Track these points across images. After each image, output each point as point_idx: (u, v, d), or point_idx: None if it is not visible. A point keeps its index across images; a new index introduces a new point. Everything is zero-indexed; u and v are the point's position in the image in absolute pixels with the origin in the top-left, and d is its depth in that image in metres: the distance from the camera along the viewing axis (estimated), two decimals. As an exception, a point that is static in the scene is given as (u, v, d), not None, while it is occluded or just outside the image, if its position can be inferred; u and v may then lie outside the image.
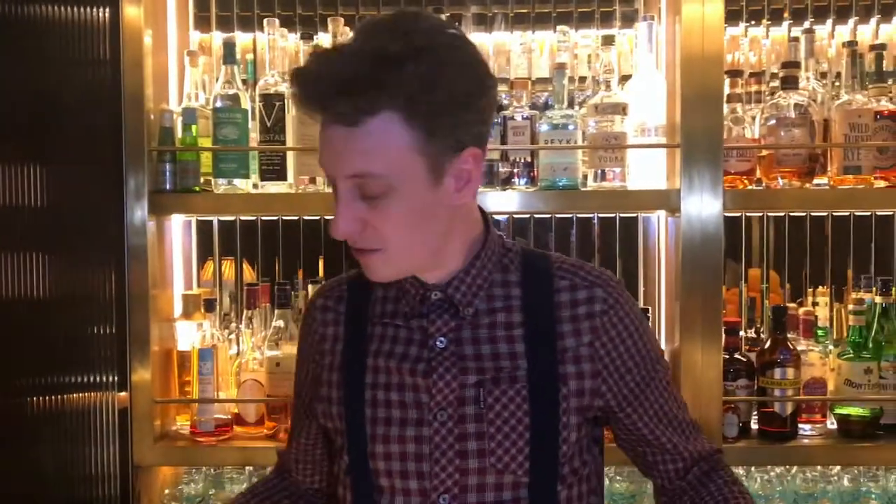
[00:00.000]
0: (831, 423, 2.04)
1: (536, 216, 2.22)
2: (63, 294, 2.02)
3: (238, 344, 2.13)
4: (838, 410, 2.02)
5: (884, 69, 2.02)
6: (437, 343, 1.19)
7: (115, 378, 2.02)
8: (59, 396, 2.03)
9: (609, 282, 1.23)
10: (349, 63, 1.02)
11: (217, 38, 2.28)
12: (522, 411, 1.17)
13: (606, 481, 2.04)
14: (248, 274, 2.29)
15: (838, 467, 2.04)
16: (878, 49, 2.02)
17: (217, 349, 2.03)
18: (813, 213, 2.20)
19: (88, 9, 2.02)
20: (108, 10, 2.02)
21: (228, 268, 2.29)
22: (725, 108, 1.98)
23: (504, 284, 1.21)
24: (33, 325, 2.00)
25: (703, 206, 1.90)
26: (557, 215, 2.21)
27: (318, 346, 1.29)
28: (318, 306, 1.31)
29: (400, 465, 1.17)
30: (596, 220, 2.23)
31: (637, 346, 1.23)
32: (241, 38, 2.29)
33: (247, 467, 2.08)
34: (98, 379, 2.02)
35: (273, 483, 1.43)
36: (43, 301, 2.00)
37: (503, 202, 1.97)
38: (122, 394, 2.01)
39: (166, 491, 2.09)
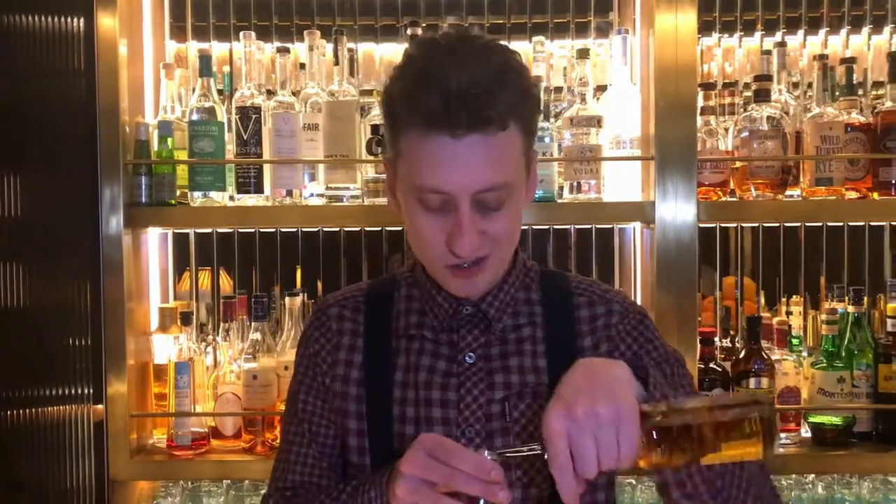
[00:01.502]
0: (805, 432, 2.06)
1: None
2: (38, 305, 2.01)
3: (215, 355, 2.12)
4: (812, 419, 2.04)
5: (854, 82, 2.04)
6: (467, 358, 1.20)
7: (91, 390, 2.01)
8: (34, 409, 2.01)
9: (626, 298, 1.29)
10: (476, 72, 1.04)
11: (193, 48, 2.28)
12: None
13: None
14: (226, 283, 2.28)
15: (813, 475, 2.06)
16: (849, 62, 2.04)
17: (194, 362, 2.02)
18: (786, 224, 2.23)
19: (63, 18, 2.01)
20: (82, 19, 2.01)
21: (205, 278, 2.28)
22: (699, 121, 2.00)
23: (527, 302, 1.25)
24: (7, 337, 1.99)
25: (678, 218, 1.92)
26: (534, 227, 2.22)
27: (330, 355, 1.26)
28: (332, 315, 1.28)
29: None
30: (572, 232, 2.24)
31: (657, 349, 1.24)
32: (217, 49, 2.28)
33: (224, 481, 2.07)
34: (73, 391, 2.01)
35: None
36: (17, 312, 1.99)
37: (480, 214, 1.97)
38: (98, 406, 2.00)
39: (143, 505, 2.09)
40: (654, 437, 0.92)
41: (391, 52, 2.29)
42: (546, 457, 0.95)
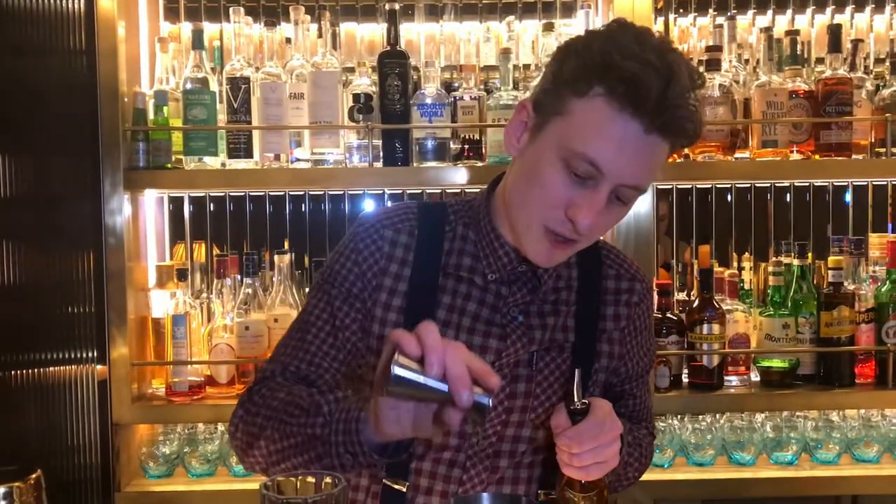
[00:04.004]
0: (755, 376, 2.24)
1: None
2: (44, 277, 2.14)
3: (208, 317, 2.27)
4: (761, 363, 2.21)
5: (798, 52, 2.22)
6: (511, 312, 1.29)
7: (95, 353, 2.16)
8: (42, 370, 2.15)
9: (644, 278, 1.43)
10: (688, 84, 1.11)
11: (186, 28, 2.42)
12: (565, 377, 1.31)
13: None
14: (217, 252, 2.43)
15: (762, 416, 2.24)
16: (793, 34, 2.22)
17: (189, 316, 2.17)
18: (738, 185, 2.41)
19: (64, 0, 2.15)
20: (82, 1, 2.16)
21: (199, 249, 2.43)
22: (655, 89, 2.17)
23: (567, 266, 1.35)
24: (22, 306, 2.14)
25: (636, 178, 2.09)
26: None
27: (376, 277, 1.29)
28: (387, 238, 1.30)
29: None
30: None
31: (650, 339, 1.44)
32: (209, 29, 2.43)
33: (219, 425, 2.22)
34: (79, 355, 2.15)
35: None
36: (26, 285, 2.13)
37: (454, 176, 2.13)
38: (101, 367, 2.15)
39: (143, 450, 2.23)
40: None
41: (370, 32, 2.46)
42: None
